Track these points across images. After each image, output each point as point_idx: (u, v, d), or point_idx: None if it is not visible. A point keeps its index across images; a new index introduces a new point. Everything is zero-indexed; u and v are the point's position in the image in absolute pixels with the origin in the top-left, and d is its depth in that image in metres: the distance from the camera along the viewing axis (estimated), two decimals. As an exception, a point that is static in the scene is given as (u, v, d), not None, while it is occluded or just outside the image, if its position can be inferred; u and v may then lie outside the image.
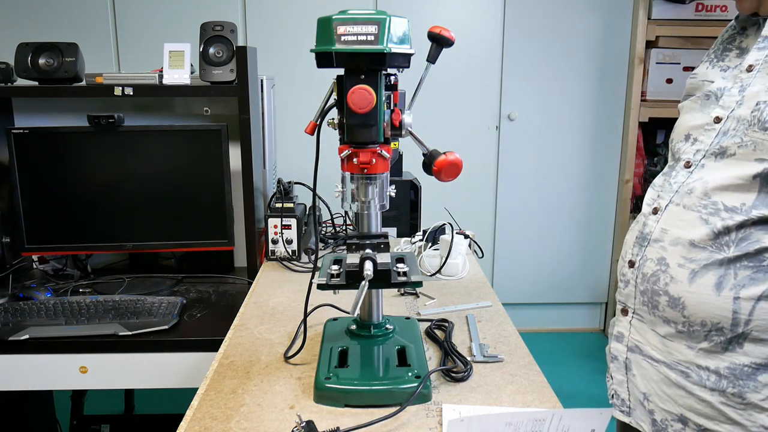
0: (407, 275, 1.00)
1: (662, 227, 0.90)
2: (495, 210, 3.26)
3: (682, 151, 0.92)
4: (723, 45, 0.95)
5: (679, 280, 0.86)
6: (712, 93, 0.90)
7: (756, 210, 0.80)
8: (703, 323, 0.85)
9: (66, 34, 2.83)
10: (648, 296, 0.91)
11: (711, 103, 0.90)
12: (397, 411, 0.90)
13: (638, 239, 0.94)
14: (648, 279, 0.90)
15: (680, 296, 0.86)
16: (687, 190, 0.87)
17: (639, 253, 0.93)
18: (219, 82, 1.61)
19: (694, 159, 0.89)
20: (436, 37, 0.99)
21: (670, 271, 0.87)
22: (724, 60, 0.93)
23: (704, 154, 0.87)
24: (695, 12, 2.93)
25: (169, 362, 1.39)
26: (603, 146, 3.20)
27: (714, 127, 0.87)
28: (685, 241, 0.86)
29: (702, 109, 0.91)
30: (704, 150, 0.88)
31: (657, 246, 0.90)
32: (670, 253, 0.88)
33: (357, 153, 0.96)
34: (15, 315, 1.43)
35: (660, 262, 0.89)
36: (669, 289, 0.87)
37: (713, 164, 0.86)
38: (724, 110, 0.86)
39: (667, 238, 0.88)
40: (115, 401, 2.26)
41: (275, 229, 1.71)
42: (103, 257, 1.89)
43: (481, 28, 3.04)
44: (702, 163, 0.87)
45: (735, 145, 0.83)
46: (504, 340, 1.19)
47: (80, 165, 1.65)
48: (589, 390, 2.78)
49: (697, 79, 0.96)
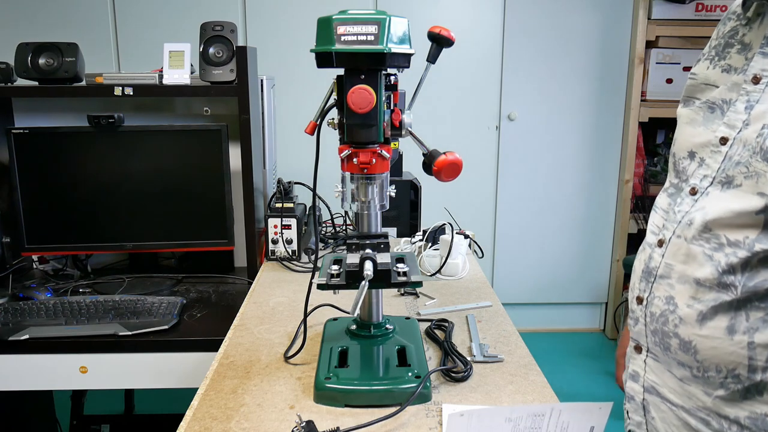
0: (407, 275, 1.00)
1: (667, 262, 0.82)
2: (495, 210, 3.26)
3: (688, 172, 0.83)
4: (724, 39, 0.84)
5: (688, 322, 0.78)
6: (717, 105, 0.80)
7: (759, 244, 0.72)
8: (718, 369, 0.77)
9: (66, 34, 2.83)
10: (659, 337, 0.83)
11: (716, 117, 0.80)
12: (397, 411, 0.90)
13: (645, 273, 0.86)
14: (657, 319, 0.83)
15: (691, 340, 0.78)
16: (688, 221, 0.80)
17: (646, 289, 0.85)
18: (219, 82, 1.61)
19: (700, 186, 0.80)
20: (436, 37, 0.99)
21: (679, 311, 0.79)
22: (725, 58, 0.82)
23: (711, 182, 0.78)
24: (695, 12, 2.93)
25: (169, 362, 1.39)
26: (603, 146, 3.20)
27: (720, 149, 0.78)
28: (690, 279, 0.78)
29: (706, 123, 0.81)
30: (711, 176, 0.78)
31: (664, 283, 0.82)
32: (677, 292, 0.80)
33: (357, 153, 0.96)
34: (15, 315, 1.43)
35: (668, 301, 0.81)
36: (679, 332, 0.80)
37: (718, 194, 0.77)
38: (730, 130, 0.77)
39: (673, 275, 0.81)
40: (115, 401, 2.26)
41: (275, 229, 1.71)
42: (103, 257, 1.89)
43: (481, 28, 3.04)
44: (707, 191, 0.78)
45: (741, 174, 0.74)
46: (504, 340, 1.20)
47: (80, 165, 1.65)
48: (589, 390, 2.78)
49: (697, 80, 0.86)
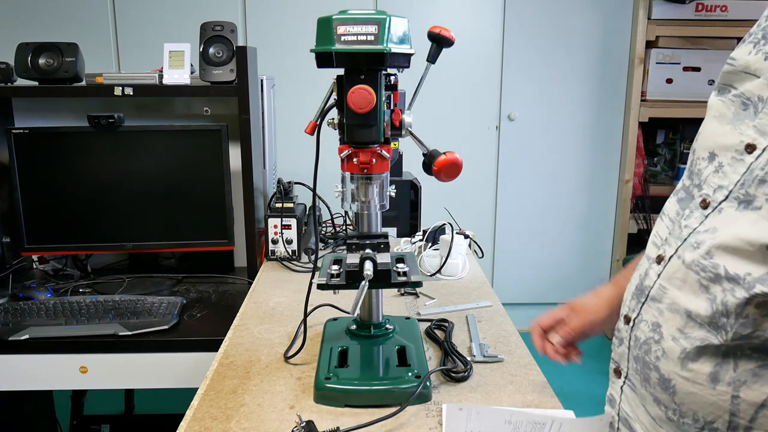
0: (407, 275, 1.00)
1: (662, 284, 0.71)
2: (495, 210, 3.26)
3: (703, 177, 0.69)
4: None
5: (670, 357, 0.69)
6: (751, 102, 0.65)
7: (760, 285, 0.60)
8: (695, 418, 0.67)
9: (66, 34, 2.83)
10: (640, 365, 0.74)
11: (747, 116, 0.65)
12: (397, 411, 0.90)
13: (637, 291, 0.76)
14: (640, 345, 0.73)
15: (671, 378, 0.69)
16: (694, 242, 0.67)
17: (635, 309, 0.75)
18: (219, 82, 1.61)
19: (713, 198, 0.66)
20: (436, 37, 0.99)
21: (663, 343, 0.70)
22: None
23: (726, 195, 0.65)
24: (695, 12, 2.93)
25: (169, 362, 1.39)
26: (603, 146, 3.20)
27: (744, 158, 0.63)
28: (681, 310, 0.68)
29: (734, 122, 0.66)
30: (727, 189, 0.65)
31: (654, 307, 0.72)
32: (666, 320, 0.70)
33: (357, 153, 0.96)
34: (15, 315, 1.43)
35: (654, 328, 0.71)
36: (660, 365, 0.70)
37: (733, 213, 0.64)
38: (760, 136, 0.62)
39: (665, 300, 0.70)
40: (115, 401, 2.26)
41: (275, 229, 1.71)
42: (103, 257, 1.89)
43: (481, 27, 3.04)
44: (721, 207, 0.65)
45: (764, 196, 0.61)
46: (504, 340, 1.20)
47: (80, 165, 1.65)
48: (589, 390, 2.77)
49: (736, 66, 0.68)
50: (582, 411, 0.88)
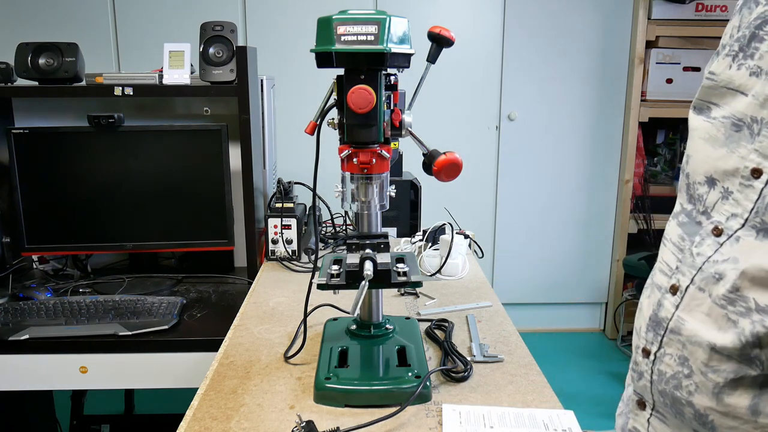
0: (407, 275, 1.00)
1: (680, 315, 0.69)
2: (495, 210, 3.26)
3: (707, 203, 0.68)
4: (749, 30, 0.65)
5: (704, 392, 0.66)
6: (744, 123, 0.64)
7: None
8: None
9: (66, 34, 2.83)
10: (669, 400, 0.71)
11: (742, 138, 0.64)
12: (397, 411, 0.90)
13: (653, 323, 0.73)
14: (668, 381, 0.70)
15: (707, 413, 0.67)
16: (715, 273, 0.65)
17: (654, 342, 0.72)
18: (219, 82, 1.61)
19: (727, 226, 0.65)
20: (436, 37, 0.99)
21: (695, 377, 0.67)
22: (753, 57, 0.64)
23: (742, 224, 0.63)
24: (695, 12, 2.93)
25: (169, 362, 1.39)
26: (603, 146, 3.20)
27: (753, 184, 0.62)
28: (704, 344, 0.66)
29: (729, 144, 0.65)
30: (742, 217, 0.63)
31: (676, 340, 0.69)
32: (691, 353, 0.67)
33: (357, 153, 0.96)
34: (15, 315, 1.43)
35: (683, 362, 0.68)
36: (693, 401, 0.67)
37: (753, 242, 0.62)
38: (764, 160, 0.61)
39: (685, 332, 0.68)
40: (115, 401, 2.26)
41: (275, 229, 1.71)
42: (103, 257, 1.89)
43: (481, 27, 3.04)
44: (738, 236, 0.64)
45: None
46: (504, 340, 1.19)
47: (80, 165, 1.65)
48: (589, 390, 2.77)
49: (717, 82, 0.68)
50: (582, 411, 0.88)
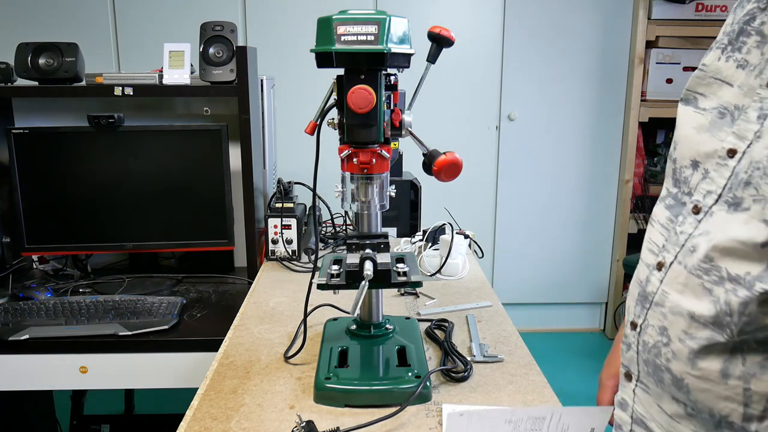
0: (407, 275, 1.00)
1: (664, 289, 0.75)
2: (495, 210, 3.26)
3: (691, 184, 0.73)
4: (738, 25, 0.71)
5: (680, 358, 0.72)
6: (728, 111, 0.69)
7: (761, 283, 0.63)
8: (711, 413, 0.71)
9: (66, 34, 2.83)
10: (651, 368, 0.77)
11: (725, 124, 0.69)
12: (397, 411, 0.90)
13: (641, 297, 0.80)
14: (650, 350, 0.77)
15: (683, 378, 0.72)
16: (691, 247, 0.71)
17: (641, 315, 0.79)
18: (219, 82, 1.61)
19: (704, 203, 0.70)
20: (436, 37, 0.99)
21: (672, 345, 0.73)
22: (740, 50, 0.69)
23: (716, 200, 0.69)
24: (695, 12, 2.93)
25: (169, 362, 1.39)
26: (603, 146, 3.20)
27: (728, 162, 0.68)
28: (684, 312, 0.72)
29: (712, 129, 0.71)
30: (716, 194, 0.69)
31: (658, 311, 0.76)
32: (671, 323, 0.73)
33: (357, 153, 0.96)
34: (15, 315, 1.43)
35: (662, 332, 0.75)
36: (671, 367, 0.74)
37: (724, 216, 0.67)
38: (739, 141, 0.67)
39: (667, 304, 0.74)
40: (115, 401, 2.26)
41: (275, 229, 1.71)
42: (103, 257, 1.89)
43: (481, 27, 3.04)
44: (712, 211, 0.69)
45: (750, 197, 0.64)
46: (504, 340, 1.20)
47: (80, 165, 1.65)
48: (589, 390, 2.77)
49: (707, 73, 0.73)
50: (582, 411, 0.88)
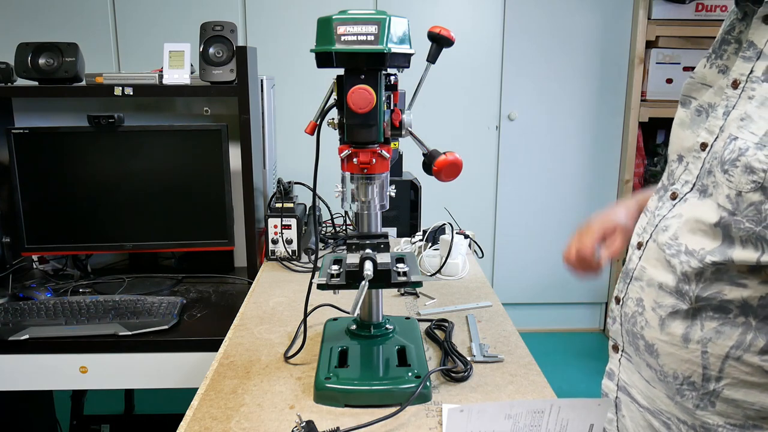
0: (407, 275, 1.00)
1: (642, 265, 0.85)
2: (495, 210, 3.26)
3: (675, 175, 0.84)
4: (722, 36, 0.81)
5: (652, 325, 0.82)
6: (703, 109, 0.80)
7: (711, 257, 0.74)
8: (675, 375, 0.80)
9: (66, 34, 2.83)
10: (631, 337, 0.87)
11: (701, 121, 0.80)
12: (397, 411, 0.90)
13: (623, 274, 0.89)
14: (629, 319, 0.87)
15: (653, 343, 0.82)
16: (663, 227, 0.81)
17: (623, 290, 0.89)
18: (219, 82, 1.61)
19: (681, 191, 0.81)
20: (436, 37, 0.99)
21: (646, 314, 0.83)
22: (722, 57, 0.80)
23: (691, 188, 0.79)
24: (695, 12, 2.93)
25: (169, 362, 1.39)
26: (603, 146, 3.19)
27: (700, 155, 0.78)
28: (655, 284, 0.81)
29: (692, 126, 0.82)
30: (691, 182, 0.79)
31: (637, 285, 0.85)
32: (646, 294, 0.83)
33: (357, 153, 0.96)
34: (15, 315, 1.43)
35: (638, 302, 0.85)
36: (645, 334, 0.83)
37: (695, 201, 0.78)
38: (709, 135, 0.77)
39: (644, 278, 0.84)
40: (115, 401, 2.26)
41: (275, 229, 1.71)
42: (103, 257, 1.89)
43: (481, 27, 3.04)
44: (686, 198, 0.80)
45: (711, 184, 0.75)
46: (504, 340, 1.20)
47: (80, 165, 1.65)
48: (589, 390, 2.77)
49: (695, 80, 0.84)
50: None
